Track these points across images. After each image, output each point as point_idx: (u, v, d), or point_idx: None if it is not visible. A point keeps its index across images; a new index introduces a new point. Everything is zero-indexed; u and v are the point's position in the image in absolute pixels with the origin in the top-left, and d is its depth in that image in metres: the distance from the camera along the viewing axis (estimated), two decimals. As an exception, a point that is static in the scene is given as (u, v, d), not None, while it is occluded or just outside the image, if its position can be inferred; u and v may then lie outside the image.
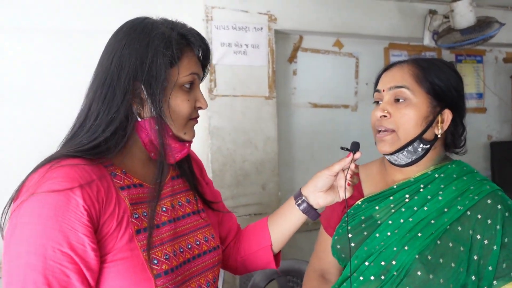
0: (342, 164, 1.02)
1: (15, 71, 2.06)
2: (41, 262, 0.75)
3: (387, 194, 1.14)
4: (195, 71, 0.93)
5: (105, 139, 0.86)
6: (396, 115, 1.09)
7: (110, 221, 0.83)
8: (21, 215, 0.77)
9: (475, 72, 3.31)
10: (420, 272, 1.02)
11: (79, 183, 0.79)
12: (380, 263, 1.07)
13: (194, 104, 0.94)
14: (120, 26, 0.93)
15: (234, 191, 2.36)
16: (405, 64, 1.14)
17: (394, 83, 1.11)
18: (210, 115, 2.30)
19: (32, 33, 2.08)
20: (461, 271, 1.02)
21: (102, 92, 0.87)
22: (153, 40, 0.88)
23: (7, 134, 2.04)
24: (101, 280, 0.82)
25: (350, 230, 1.14)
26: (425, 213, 1.08)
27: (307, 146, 2.77)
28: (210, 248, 1.01)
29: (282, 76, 2.68)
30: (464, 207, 1.06)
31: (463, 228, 1.05)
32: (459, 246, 1.03)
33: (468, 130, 1.19)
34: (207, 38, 2.28)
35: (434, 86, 1.09)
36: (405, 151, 1.10)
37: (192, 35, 0.94)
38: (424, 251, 1.03)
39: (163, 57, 0.87)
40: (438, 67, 1.13)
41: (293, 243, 2.71)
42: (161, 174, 0.90)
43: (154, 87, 0.87)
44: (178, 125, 0.92)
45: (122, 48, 0.88)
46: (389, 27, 2.81)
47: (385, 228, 1.10)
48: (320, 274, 1.30)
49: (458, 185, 1.09)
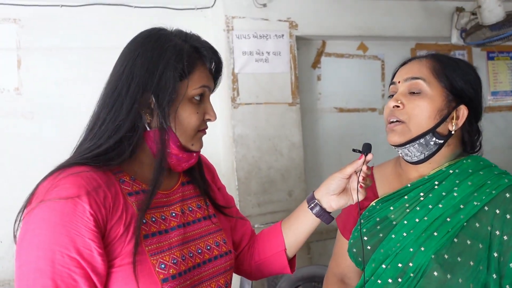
0: (354, 166, 1.00)
1: (47, 88, 2.16)
2: (49, 266, 0.77)
3: (401, 193, 1.11)
4: (205, 84, 0.94)
5: (109, 147, 0.87)
6: (409, 106, 1.06)
7: (117, 226, 0.84)
8: (30, 222, 0.80)
9: (509, 69, 3.19)
10: (436, 273, 0.98)
11: (85, 189, 0.81)
12: (397, 265, 1.04)
13: (203, 116, 0.95)
14: (135, 36, 0.95)
15: (260, 199, 2.36)
16: (424, 58, 1.12)
17: (410, 75, 1.08)
18: (234, 123, 2.32)
19: (60, 51, 2.18)
20: (480, 270, 0.98)
21: (111, 100, 0.89)
22: (165, 52, 0.89)
23: (37, 150, 2.13)
24: (109, 285, 0.83)
25: (365, 233, 1.12)
26: (440, 210, 1.04)
27: (334, 151, 2.74)
28: (222, 253, 1.01)
29: (306, 82, 2.67)
30: (481, 202, 1.01)
31: (481, 225, 1.00)
32: (477, 244, 0.99)
33: (504, 129, 1.15)
34: (228, 47, 2.31)
35: (451, 81, 1.06)
36: (416, 144, 1.06)
37: (204, 49, 0.94)
38: (440, 250, 0.99)
39: (173, 70, 0.88)
40: (457, 63, 1.10)
41: (324, 250, 2.68)
42: (155, 181, 0.90)
43: (162, 98, 0.88)
44: (186, 137, 0.93)
45: (135, 58, 0.89)
46: (414, 27, 2.75)
47: (400, 228, 1.06)
48: (339, 279, 1.27)
49: (474, 180, 1.05)
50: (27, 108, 2.14)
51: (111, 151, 0.88)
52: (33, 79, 2.15)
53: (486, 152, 1.13)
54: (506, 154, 3.11)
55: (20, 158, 2.11)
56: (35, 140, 2.14)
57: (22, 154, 2.12)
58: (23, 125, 2.13)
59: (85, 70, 2.20)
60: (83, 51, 2.21)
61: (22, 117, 2.13)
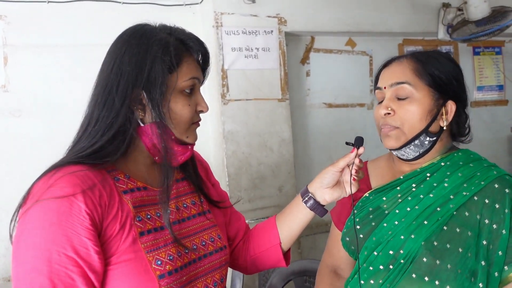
0: (347, 159, 1.02)
1: (35, 86, 2.14)
2: (46, 266, 0.77)
3: (394, 184, 1.15)
4: (195, 75, 0.94)
5: (103, 144, 0.88)
6: (400, 111, 1.08)
7: (113, 224, 0.84)
8: (26, 221, 0.80)
9: (494, 64, 3.24)
10: (425, 259, 1.02)
11: (81, 188, 0.81)
12: (388, 252, 1.07)
13: (195, 108, 0.96)
14: (121, 33, 0.95)
15: (251, 194, 2.37)
16: (403, 59, 1.14)
17: (395, 79, 1.10)
18: (224, 120, 2.33)
19: (49, 49, 2.16)
20: (469, 256, 1.01)
21: (102, 99, 0.89)
22: (152, 47, 0.89)
23: (25, 148, 2.11)
24: (106, 282, 0.84)
25: (358, 222, 1.15)
26: (431, 200, 1.07)
27: (324, 146, 2.76)
28: (217, 248, 1.02)
29: (295, 78, 2.68)
30: (470, 192, 1.05)
31: (471, 213, 1.04)
32: (466, 231, 1.02)
33: (490, 123, 1.18)
34: (218, 43, 2.31)
35: (434, 79, 1.09)
36: (412, 145, 1.10)
37: (190, 40, 0.95)
38: (430, 237, 1.03)
39: (161, 63, 0.89)
40: (436, 59, 1.12)
41: (313, 244, 2.70)
42: (166, 177, 0.92)
43: (153, 93, 0.88)
44: (180, 129, 0.93)
45: (122, 55, 0.90)
46: (402, 23, 2.78)
47: (392, 217, 1.10)
48: (332, 270, 1.30)
49: (464, 171, 1.09)
50: (15, 105, 2.12)
51: (105, 148, 0.88)
52: (20, 77, 2.13)
53: (473, 145, 1.16)
54: (492, 148, 3.16)
55: (7, 156, 2.09)
56: (22, 138, 2.12)
57: (9, 152, 2.10)
58: (11, 122, 2.11)
59: (73, 67, 2.19)
60: (71, 48, 2.19)
61: (9, 115, 2.11)
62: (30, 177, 2.19)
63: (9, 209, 2.16)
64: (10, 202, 2.04)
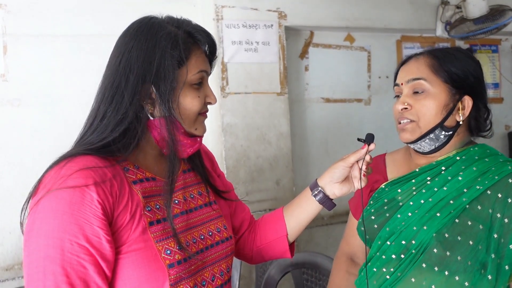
0: (357, 155, 1.04)
1: (35, 75, 2.14)
2: (59, 254, 0.79)
3: (409, 177, 1.18)
4: (203, 68, 0.95)
5: (114, 139, 0.88)
6: (416, 106, 1.13)
7: (123, 214, 0.86)
8: (39, 211, 0.81)
9: (491, 62, 3.27)
10: (436, 250, 1.05)
11: (93, 179, 0.82)
12: (401, 242, 1.10)
13: (204, 100, 0.96)
14: (127, 27, 0.94)
15: (248, 187, 2.39)
16: (420, 56, 1.18)
17: (411, 76, 1.15)
18: (223, 113, 2.34)
19: (49, 38, 2.15)
20: (479, 249, 1.03)
21: (110, 94, 0.89)
22: (160, 41, 0.89)
23: (24, 138, 2.11)
24: (117, 271, 0.85)
25: (373, 213, 1.19)
26: (444, 193, 1.10)
27: (321, 141, 2.78)
28: (223, 238, 1.04)
29: (294, 72, 2.69)
30: (484, 186, 1.07)
31: (483, 207, 1.06)
32: (478, 225, 1.05)
33: None
34: (218, 37, 2.31)
35: (451, 75, 1.12)
36: (427, 139, 1.13)
37: (198, 33, 0.95)
38: (441, 229, 1.06)
39: (170, 58, 0.89)
40: (454, 55, 1.15)
41: (310, 237, 2.73)
42: (172, 170, 0.92)
43: (163, 88, 0.89)
44: (188, 122, 0.94)
45: (130, 50, 0.89)
46: (401, 20, 2.79)
47: (406, 209, 1.13)
48: (349, 257, 1.34)
49: (479, 166, 1.11)
50: (14, 95, 2.11)
51: (115, 143, 0.89)
52: (20, 66, 2.11)
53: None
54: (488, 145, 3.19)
55: (6, 146, 2.09)
56: (21, 127, 2.11)
57: (8, 141, 2.09)
58: (10, 112, 2.10)
59: (73, 57, 2.18)
60: (71, 38, 2.18)
61: (8, 104, 2.10)
62: (29, 167, 2.22)
63: (7, 199, 2.18)
64: (8, 193, 2.07)
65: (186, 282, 0.90)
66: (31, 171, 2.08)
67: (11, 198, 2.08)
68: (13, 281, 2.07)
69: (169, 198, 0.92)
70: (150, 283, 0.86)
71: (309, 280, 1.75)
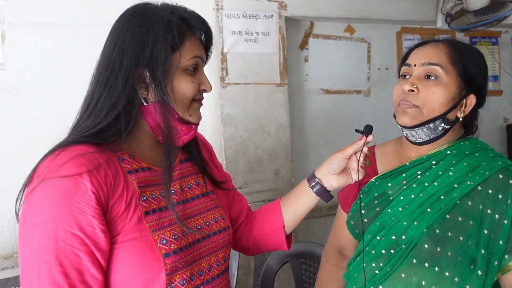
0: (355, 147, 1.03)
1: (33, 64, 2.13)
2: (53, 243, 0.79)
3: (399, 171, 1.17)
4: (198, 54, 0.94)
5: (108, 124, 0.88)
6: (423, 91, 1.09)
7: (118, 203, 0.86)
8: (32, 200, 0.81)
9: (490, 54, 3.26)
10: (427, 245, 1.04)
11: (87, 168, 0.82)
12: (391, 237, 1.10)
13: (198, 86, 0.96)
14: (122, 12, 0.95)
15: (247, 178, 2.39)
16: (440, 43, 1.14)
17: (428, 59, 1.10)
18: (222, 103, 2.33)
19: (48, 27, 2.14)
20: (469, 245, 1.03)
21: (104, 78, 0.89)
22: (154, 25, 0.89)
23: (23, 126, 2.11)
24: (112, 260, 0.85)
25: (363, 207, 1.17)
26: (435, 188, 1.09)
27: (320, 132, 2.78)
28: (220, 228, 1.03)
29: (293, 63, 2.68)
30: (475, 182, 1.07)
31: (473, 203, 1.06)
32: (468, 220, 1.05)
33: (484, 113, 1.20)
34: (218, 26, 2.30)
35: (466, 69, 1.10)
36: (425, 128, 1.10)
37: (193, 19, 0.94)
38: (432, 225, 1.05)
39: (164, 41, 0.89)
40: (471, 52, 1.14)
41: (308, 228, 2.74)
42: (168, 156, 0.92)
43: (156, 71, 0.89)
44: (182, 107, 0.93)
45: (124, 34, 0.90)
46: (401, 11, 2.78)
47: (396, 203, 1.12)
48: (338, 250, 1.34)
49: (470, 161, 1.10)
50: (12, 84, 2.10)
51: (109, 128, 0.88)
52: (18, 55, 2.10)
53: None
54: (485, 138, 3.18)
55: (4, 135, 2.08)
56: (20, 116, 2.11)
57: (7, 130, 2.09)
58: (8, 101, 2.09)
59: (72, 46, 2.17)
60: (70, 27, 2.17)
61: (7, 93, 2.10)
62: (27, 156, 2.21)
63: (5, 188, 2.18)
64: (6, 181, 2.06)
65: (182, 272, 0.91)
66: (30, 160, 2.04)
67: (10, 187, 2.08)
68: (12, 270, 2.08)
69: (168, 186, 0.92)
70: (145, 272, 0.86)
71: (308, 270, 1.76)
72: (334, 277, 1.31)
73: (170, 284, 0.88)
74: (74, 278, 0.80)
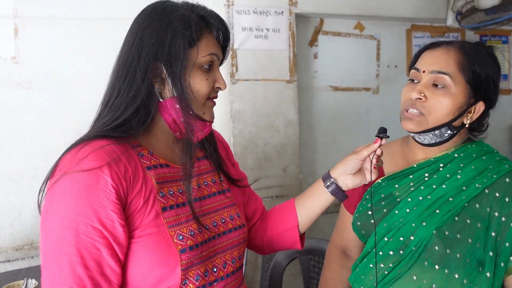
0: (370, 149, 1.04)
1: (45, 58, 2.14)
2: (74, 236, 0.81)
3: (407, 172, 1.17)
4: (213, 51, 0.95)
5: (128, 117, 0.90)
6: (431, 100, 1.08)
7: (137, 198, 0.87)
8: (55, 193, 0.83)
9: (500, 53, 3.25)
10: (437, 247, 1.05)
11: (106, 160, 0.84)
12: (399, 239, 1.10)
13: (213, 84, 0.97)
14: (142, 9, 0.96)
15: (256, 174, 2.40)
16: (452, 48, 1.12)
17: (437, 67, 1.09)
18: (231, 99, 2.34)
19: (61, 21, 2.15)
20: (477, 247, 1.04)
21: (123, 72, 0.91)
22: (173, 22, 0.91)
23: (34, 120, 2.13)
24: (129, 254, 0.87)
25: (370, 208, 1.18)
26: (443, 190, 1.10)
27: (328, 129, 2.79)
28: (236, 226, 1.05)
29: (303, 60, 2.69)
30: (483, 185, 1.08)
31: (481, 206, 1.07)
32: (476, 223, 1.06)
33: (492, 112, 1.19)
34: (228, 23, 2.31)
35: (475, 77, 1.08)
36: (431, 134, 1.11)
37: (211, 17, 0.96)
38: (441, 227, 1.06)
39: (182, 37, 0.90)
40: (482, 55, 1.11)
41: (315, 225, 2.75)
42: (189, 151, 0.94)
43: (174, 66, 0.90)
44: (197, 104, 0.95)
45: (143, 30, 0.91)
46: (411, 8, 2.77)
47: (404, 205, 1.12)
48: (341, 251, 1.34)
49: (477, 164, 1.11)
50: (25, 77, 2.12)
51: (129, 122, 0.90)
52: (30, 48, 2.12)
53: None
54: (493, 137, 3.18)
55: (17, 127, 2.10)
56: (32, 109, 2.13)
57: (19, 123, 2.11)
58: (20, 94, 2.11)
59: (83, 40, 2.18)
60: (82, 21, 2.18)
61: (19, 86, 2.11)
62: (39, 149, 2.23)
63: (18, 180, 2.20)
64: (19, 174, 2.08)
65: (197, 268, 0.92)
66: (41, 153, 2.10)
67: (22, 180, 2.10)
68: (23, 261, 2.11)
69: (189, 181, 0.94)
70: (162, 267, 0.87)
71: (316, 266, 1.77)
72: (338, 277, 1.32)
73: (185, 279, 0.89)
74: (93, 270, 0.81)
